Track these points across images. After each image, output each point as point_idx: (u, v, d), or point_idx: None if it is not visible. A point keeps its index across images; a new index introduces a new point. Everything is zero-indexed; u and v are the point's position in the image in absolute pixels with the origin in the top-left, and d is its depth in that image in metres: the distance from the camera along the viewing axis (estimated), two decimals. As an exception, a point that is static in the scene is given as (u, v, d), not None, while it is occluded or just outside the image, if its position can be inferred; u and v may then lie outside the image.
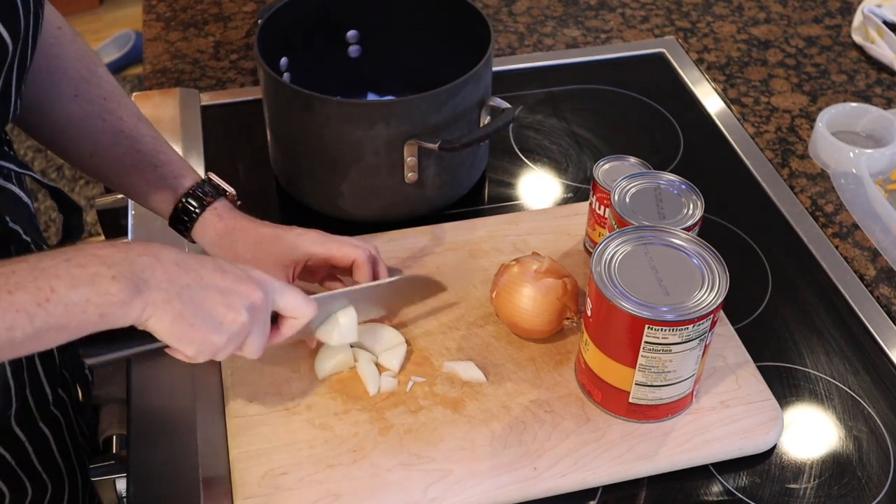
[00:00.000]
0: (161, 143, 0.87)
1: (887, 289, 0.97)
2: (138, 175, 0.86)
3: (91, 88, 0.85)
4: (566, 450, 0.79)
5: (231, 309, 0.67)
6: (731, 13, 1.38)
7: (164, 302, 0.64)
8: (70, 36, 0.85)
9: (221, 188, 0.87)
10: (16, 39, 0.68)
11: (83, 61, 0.85)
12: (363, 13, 1.11)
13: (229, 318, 0.67)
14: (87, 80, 0.85)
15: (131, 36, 2.93)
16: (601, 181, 0.90)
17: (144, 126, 0.87)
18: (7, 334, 0.58)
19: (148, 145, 0.86)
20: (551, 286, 0.85)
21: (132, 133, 0.86)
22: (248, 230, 0.85)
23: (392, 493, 0.76)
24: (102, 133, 0.85)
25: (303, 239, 0.84)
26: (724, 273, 0.76)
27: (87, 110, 0.84)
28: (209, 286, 0.66)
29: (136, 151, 0.85)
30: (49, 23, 0.83)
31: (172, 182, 0.86)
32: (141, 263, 0.63)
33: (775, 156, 1.13)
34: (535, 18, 1.37)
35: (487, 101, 0.99)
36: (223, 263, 0.69)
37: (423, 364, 0.85)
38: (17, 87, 0.72)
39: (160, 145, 0.87)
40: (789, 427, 0.84)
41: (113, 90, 0.86)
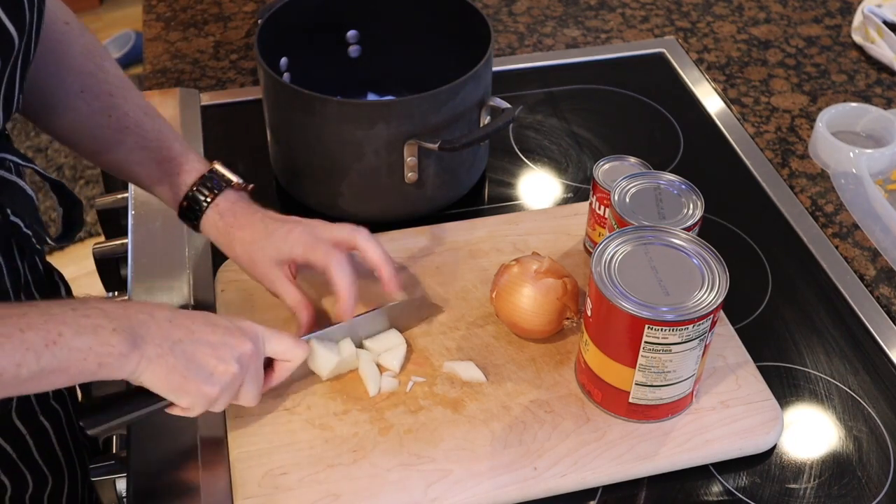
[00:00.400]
0: (166, 136, 0.87)
1: (887, 289, 0.97)
2: (144, 171, 0.86)
3: (97, 84, 0.85)
4: (566, 450, 0.79)
5: (221, 361, 0.71)
6: (731, 13, 1.38)
7: (158, 356, 0.68)
8: (77, 31, 0.85)
9: (225, 179, 0.86)
10: (21, 33, 0.68)
11: (90, 56, 0.85)
12: (363, 13, 1.11)
13: (220, 370, 0.71)
14: (93, 74, 0.85)
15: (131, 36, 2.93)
16: (601, 181, 0.90)
17: (150, 120, 0.87)
18: (15, 370, 0.61)
19: (152, 141, 0.86)
20: (551, 286, 0.85)
21: (136, 129, 0.86)
22: (244, 228, 0.85)
23: (392, 493, 0.76)
24: (108, 129, 0.85)
25: (288, 240, 0.83)
26: (724, 273, 0.76)
27: (93, 106, 0.84)
28: (200, 341, 0.70)
29: (141, 148, 0.86)
30: (56, 18, 0.83)
31: (176, 179, 0.86)
32: (138, 320, 0.68)
33: (775, 156, 1.13)
34: (535, 18, 1.37)
35: (487, 101, 0.99)
36: (214, 318, 0.73)
37: (423, 364, 0.85)
38: (20, 80, 0.72)
39: (164, 139, 0.87)
40: (789, 427, 0.84)
41: (119, 84, 0.86)
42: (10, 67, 0.69)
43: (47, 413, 0.86)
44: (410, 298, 0.88)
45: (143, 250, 0.99)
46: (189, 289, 0.94)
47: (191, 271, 0.96)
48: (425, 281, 0.93)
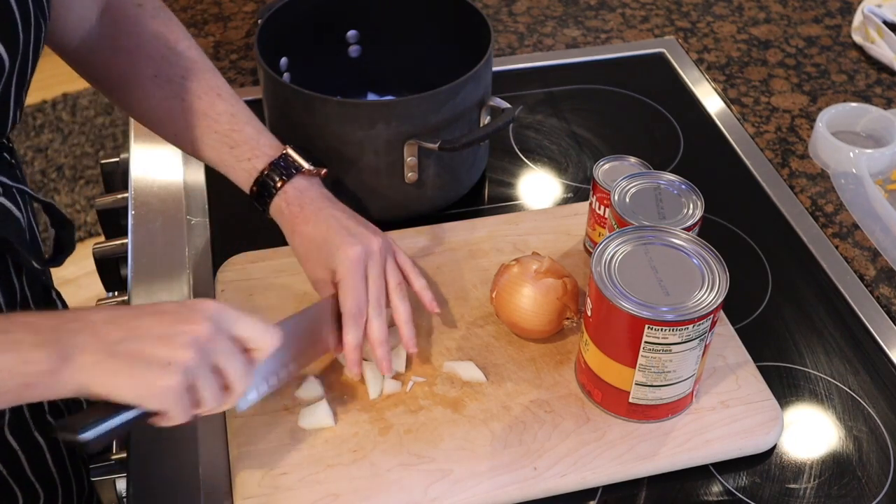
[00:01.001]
0: (238, 119, 0.87)
1: (887, 289, 0.97)
2: (216, 156, 0.87)
3: (170, 67, 0.86)
4: (566, 450, 0.79)
5: (173, 348, 0.62)
6: (731, 13, 1.38)
7: (95, 364, 0.61)
8: (151, 12, 0.86)
9: (296, 164, 0.86)
10: (13, 55, 0.68)
11: (163, 39, 0.86)
12: (363, 13, 1.11)
13: (175, 358, 0.62)
14: (166, 58, 0.85)
15: (131, 36, 2.92)
16: (601, 181, 0.90)
17: (222, 102, 0.87)
18: None
19: (224, 124, 0.86)
20: (551, 286, 0.85)
21: (208, 112, 0.86)
22: (308, 223, 0.84)
23: (392, 493, 0.76)
24: (181, 113, 0.86)
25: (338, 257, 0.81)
26: (724, 273, 0.76)
27: (167, 91, 0.85)
28: (144, 336, 0.62)
29: (213, 132, 0.86)
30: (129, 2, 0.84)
31: (246, 164, 0.86)
32: (69, 329, 0.61)
33: (775, 156, 1.13)
34: (535, 18, 1.37)
35: (487, 101, 0.99)
36: (165, 306, 0.65)
37: (423, 364, 0.85)
38: (15, 99, 0.72)
39: (237, 122, 0.87)
40: (789, 427, 0.84)
41: (192, 66, 0.87)
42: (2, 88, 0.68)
43: (42, 428, 0.84)
44: None
45: (143, 250, 0.99)
46: (189, 289, 0.94)
47: (191, 271, 0.96)
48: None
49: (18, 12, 0.68)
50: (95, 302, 0.99)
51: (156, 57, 0.85)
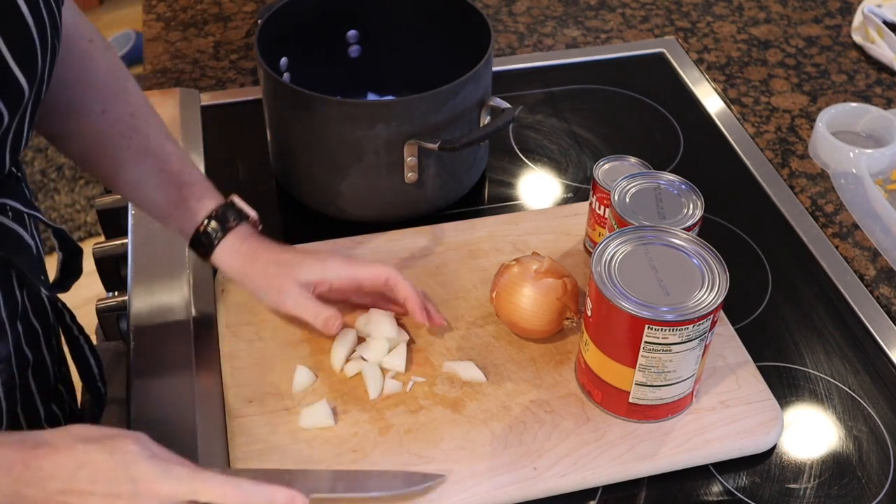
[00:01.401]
0: (187, 162, 0.87)
1: (887, 289, 0.97)
2: (162, 195, 0.85)
3: (119, 105, 0.84)
4: (566, 450, 0.79)
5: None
6: (731, 13, 1.38)
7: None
8: (101, 49, 0.84)
9: (244, 213, 0.87)
10: (32, 82, 0.68)
11: (113, 76, 0.85)
12: (363, 13, 1.11)
13: None
14: (115, 95, 0.84)
15: (131, 36, 2.93)
16: (601, 181, 0.90)
17: (171, 144, 0.87)
18: None
19: (173, 164, 0.86)
20: (551, 286, 0.85)
21: (158, 152, 0.85)
22: (270, 251, 0.85)
23: (392, 493, 0.76)
24: (128, 150, 0.84)
25: (327, 264, 0.85)
26: (724, 273, 0.76)
27: (115, 128, 0.84)
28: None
29: (160, 171, 0.85)
30: (80, 36, 0.82)
31: (195, 204, 0.85)
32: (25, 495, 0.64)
33: (775, 156, 1.13)
34: (535, 18, 1.37)
35: (487, 101, 0.99)
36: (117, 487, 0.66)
37: (423, 364, 0.85)
38: (30, 122, 0.72)
39: (185, 165, 0.87)
40: (789, 427, 0.84)
41: (141, 106, 0.86)
42: (17, 118, 0.68)
43: None
44: None
45: (143, 250, 0.99)
46: (189, 289, 0.94)
47: (191, 271, 0.96)
48: (425, 281, 0.93)
49: (38, 37, 0.67)
50: (96, 302, 0.99)
51: (105, 93, 0.83)
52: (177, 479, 0.66)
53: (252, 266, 0.85)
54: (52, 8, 0.69)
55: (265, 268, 0.85)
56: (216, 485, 0.67)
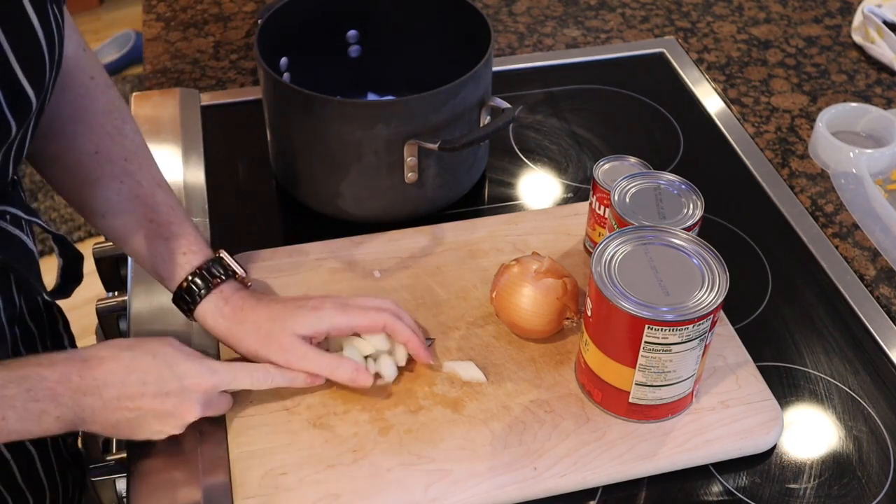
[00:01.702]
0: (177, 212, 0.84)
1: (887, 289, 0.97)
2: (147, 244, 0.83)
3: (114, 147, 0.82)
4: (566, 450, 0.79)
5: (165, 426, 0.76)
6: (731, 13, 1.38)
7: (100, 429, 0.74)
8: (102, 87, 0.83)
9: (231, 269, 0.83)
10: (39, 94, 0.67)
11: (110, 116, 0.83)
12: (363, 13, 1.11)
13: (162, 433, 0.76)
14: (111, 136, 0.82)
15: (131, 36, 2.93)
16: (601, 181, 0.90)
17: (162, 193, 0.84)
18: None
19: (162, 215, 0.83)
20: (551, 286, 0.85)
21: (148, 200, 0.83)
22: (257, 309, 0.81)
23: (392, 493, 0.76)
24: (118, 195, 0.82)
25: (323, 312, 0.81)
26: (724, 273, 0.76)
27: (106, 170, 0.82)
28: (146, 415, 0.74)
29: (148, 220, 0.83)
30: (82, 70, 0.81)
31: (181, 258, 0.82)
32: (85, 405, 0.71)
33: (775, 156, 1.13)
34: (535, 18, 1.37)
35: (487, 101, 0.99)
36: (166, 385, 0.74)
37: (423, 364, 0.85)
38: (32, 132, 0.72)
39: (175, 216, 0.84)
40: (789, 427, 0.84)
41: (136, 150, 0.84)
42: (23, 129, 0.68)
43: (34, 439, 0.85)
44: None
45: (143, 250, 0.99)
46: (189, 289, 0.94)
47: (191, 271, 0.96)
48: (425, 281, 0.93)
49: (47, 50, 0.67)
50: (96, 302, 0.99)
51: (100, 133, 0.81)
52: (215, 373, 0.76)
53: (241, 327, 0.81)
54: (58, 20, 0.69)
55: (257, 327, 0.80)
56: (247, 372, 0.78)
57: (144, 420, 0.74)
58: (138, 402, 0.72)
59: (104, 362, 0.72)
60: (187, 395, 0.74)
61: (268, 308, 0.81)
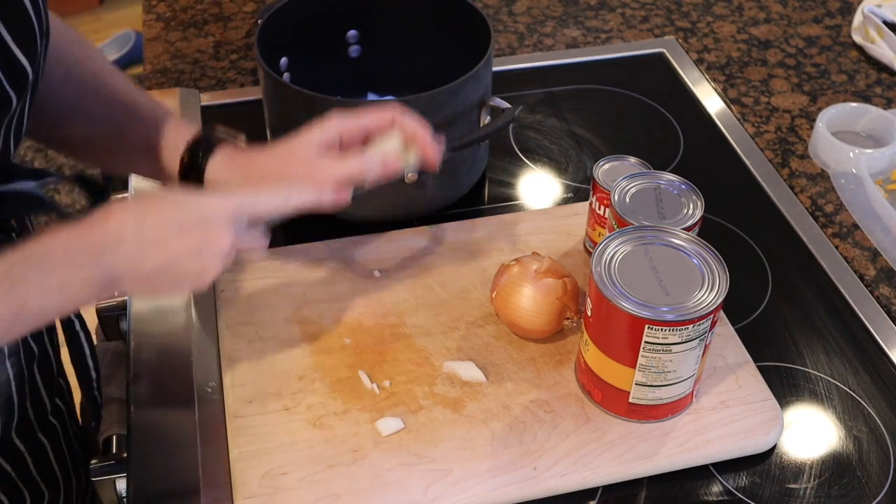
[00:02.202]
0: (158, 105, 0.84)
1: (887, 289, 0.97)
2: (140, 137, 0.82)
3: (82, 68, 0.82)
4: (566, 450, 0.79)
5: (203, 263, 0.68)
6: (731, 13, 1.38)
7: (135, 287, 0.67)
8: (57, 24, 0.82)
9: (231, 132, 0.83)
10: (33, 63, 0.68)
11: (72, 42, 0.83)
12: (363, 13, 1.11)
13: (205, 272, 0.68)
14: (78, 61, 0.82)
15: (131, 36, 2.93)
16: (601, 181, 0.90)
17: (140, 95, 0.84)
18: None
19: (145, 106, 0.83)
20: (551, 286, 0.85)
21: (127, 100, 0.82)
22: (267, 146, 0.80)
23: (392, 493, 0.76)
24: (96, 107, 0.82)
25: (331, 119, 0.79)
26: (724, 273, 0.76)
27: (78, 89, 0.81)
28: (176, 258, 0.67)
29: (132, 119, 0.82)
30: None
31: (175, 136, 0.81)
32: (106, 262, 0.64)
33: (775, 156, 1.13)
34: (535, 18, 1.37)
35: (487, 101, 0.99)
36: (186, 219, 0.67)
37: (423, 364, 0.85)
38: (30, 106, 0.72)
39: (158, 107, 0.83)
40: (789, 427, 0.84)
41: (105, 65, 0.84)
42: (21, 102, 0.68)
43: (45, 430, 0.85)
44: None
45: (143, 250, 0.99)
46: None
47: (191, 271, 0.96)
48: (425, 281, 0.93)
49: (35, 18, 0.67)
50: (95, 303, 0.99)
51: (67, 60, 0.81)
52: (234, 197, 0.70)
53: (257, 163, 0.79)
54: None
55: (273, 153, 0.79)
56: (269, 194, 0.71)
57: (177, 263, 0.67)
58: (162, 245, 0.66)
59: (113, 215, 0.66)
60: (212, 224, 0.68)
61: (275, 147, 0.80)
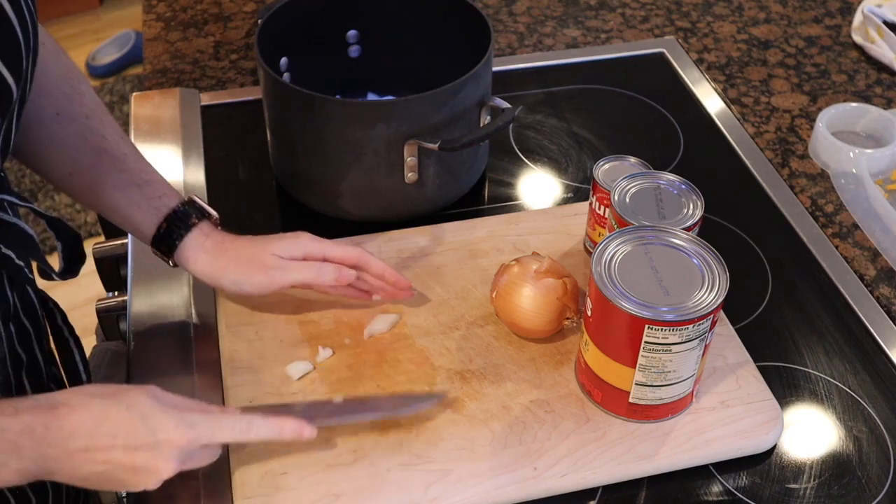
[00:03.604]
0: (144, 161, 0.86)
1: (887, 289, 0.97)
2: (120, 195, 0.84)
3: (73, 107, 0.83)
4: (566, 450, 0.79)
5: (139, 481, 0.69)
6: (731, 13, 1.38)
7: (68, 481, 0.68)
8: (53, 52, 0.83)
9: (206, 210, 0.86)
10: (18, 81, 0.67)
11: (65, 78, 0.84)
12: (363, 13, 1.11)
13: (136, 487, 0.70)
14: (69, 98, 0.83)
15: (131, 36, 2.93)
16: (601, 181, 0.90)
17: (127, 145, 0.86)
18: None
19: (131, 164, 0.85)
20: (551, 286, 0.85)
21: (114, 152, 0.84)
22: (238, 241, 0.85)
23: (392, 493, 0.76)
24: (84, 152, 0.83)
25: (299, 241, 0.85)
26: (724, 273, 0.76)
27: (69, 129, 0.83)
28: (116, 468, 0.68)
29: (118, 171, 0.84)
30: None
31: (156, 202, 0.84)
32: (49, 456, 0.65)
33: (775, 156, 1.13)
34: (535, 18, 1.37)
35: (487, 101, 0.99)
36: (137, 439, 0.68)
37: (423, 364, 0.85)
38: (16, 124, 0.72)
39: (143, 164, 0.86)
40: (789, 427, 0.84)
41: (96, 108, 0.85)
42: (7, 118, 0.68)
43: None
44: None
45: (143, 250, 0.98)
46: (189, 289, 0.94)
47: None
48: (425, 281, 0.93)
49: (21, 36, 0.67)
50: (96, 302, 0.99)
51: (58, 96, 0.82)
52: (193, 427, 0.69)
53: (223, 258, 0.84)
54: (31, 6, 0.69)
55: (238, 254, 0.84)
56: (229, 426, 0.71)
57: (115, 473, 0.68)
58: (107, 454, 0.67)
59: (73, 411, 0.66)
60: (161, 451, 0.68)
61: (248, 239, 0.85)
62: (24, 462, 0.65)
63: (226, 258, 0.84)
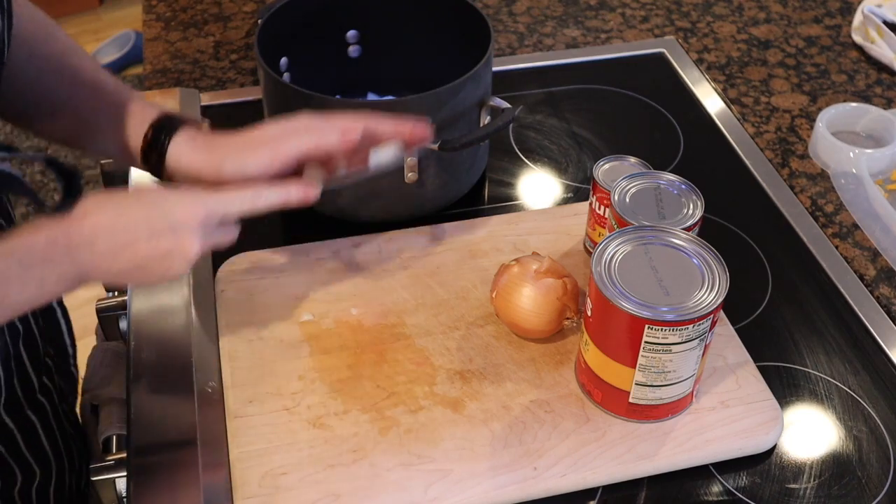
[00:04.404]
0: (123, 85, 0.84)
1: (887, 289, 0.97)
2: (103, 117, 0.82)
3: (47, 47, 0.82)
4: (566, 450, 0.79)
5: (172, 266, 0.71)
6: (731, 13, 1.38)
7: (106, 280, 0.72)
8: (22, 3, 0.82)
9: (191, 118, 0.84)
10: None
11: (36, 23, 0.82)
12: (363, 13, 1.11)
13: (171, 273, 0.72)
14: (42, 40, 0.82)
15: (131, 36, 2.93)
16: (601, 181, 0.90)
17: (104, 74, 0.84)
18: None
19: (110, 87, 0.83)
20: (551, 286, 0.85)
21: (92, 79, 0.83)
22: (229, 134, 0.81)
23: (392, 493, 0.76)
24: (60, 85, 0.82)
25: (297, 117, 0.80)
26: (724, 273, 0.76)
27: (42, 67, 0.82)
28: (146, 260, 0.70)
29: (98, 97, 0.83)
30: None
31: (139, 116, 0.82)
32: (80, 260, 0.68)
33: (775, 156, 1.13)
34: (535, 18, 1.37)
35: (487, 101, 0.99)
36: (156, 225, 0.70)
37: (423, 364, 0.85)
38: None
39: (123, 86, 0.84)
40: (789, 427, 0.84)
41: (71, 46, 0.84)
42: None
43: (34, 407, 0.85)
44: None
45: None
46: (189, 289, 0.94)
47: (191, 271, 0.96)
48: (425, 281, 0.93)
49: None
50: (95, 302, 0.99)
51: (30, 39, 0.80)
52: (204, 203, 0.72)
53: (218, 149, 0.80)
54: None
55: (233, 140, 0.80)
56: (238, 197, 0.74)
57: (146, 265, 0.70)
58: (133, 248, 0.69)
59: (89, 216, 0.69)
60: (180, 231, 0.70)
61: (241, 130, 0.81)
62: (60, 268, 0.67)
63: (222, 147, 0.80)
